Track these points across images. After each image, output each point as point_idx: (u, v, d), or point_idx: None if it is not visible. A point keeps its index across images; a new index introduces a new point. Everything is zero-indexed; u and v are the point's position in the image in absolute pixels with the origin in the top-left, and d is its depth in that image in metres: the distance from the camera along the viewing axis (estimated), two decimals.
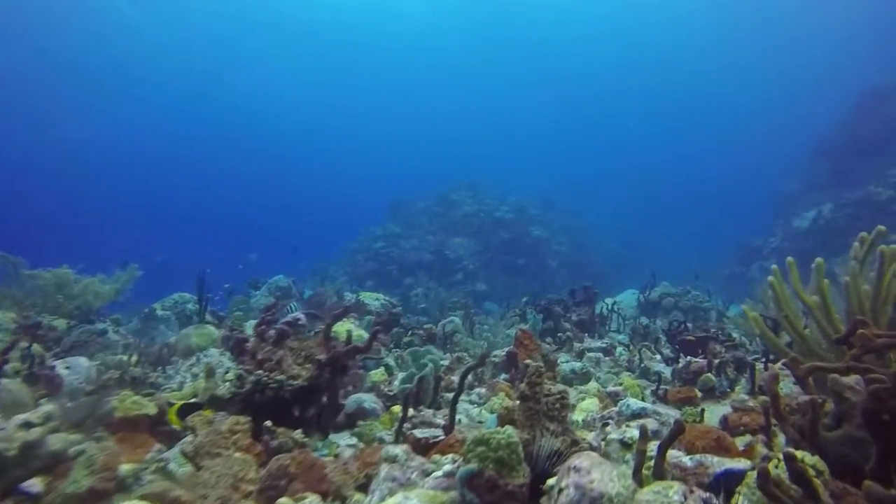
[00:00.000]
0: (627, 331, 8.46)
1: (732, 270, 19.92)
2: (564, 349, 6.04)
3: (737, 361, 4.63)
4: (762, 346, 5.42)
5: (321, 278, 21.04)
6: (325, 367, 2.64)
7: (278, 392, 2.51)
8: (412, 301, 15.68)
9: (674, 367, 4.39)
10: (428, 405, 3.31)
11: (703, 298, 9.70)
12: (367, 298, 8.40)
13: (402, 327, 6.33)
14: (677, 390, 3.66)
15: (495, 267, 19.05)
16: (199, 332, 4.79)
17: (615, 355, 5.57)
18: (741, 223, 25.74)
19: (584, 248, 22.63)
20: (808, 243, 15.70)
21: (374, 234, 20.55)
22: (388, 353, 5.62)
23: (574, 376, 4.63)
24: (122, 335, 7.92)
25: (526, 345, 4.09)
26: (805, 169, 22.62)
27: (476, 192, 22.01)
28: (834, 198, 16.21)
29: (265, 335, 2.76)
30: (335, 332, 4.59)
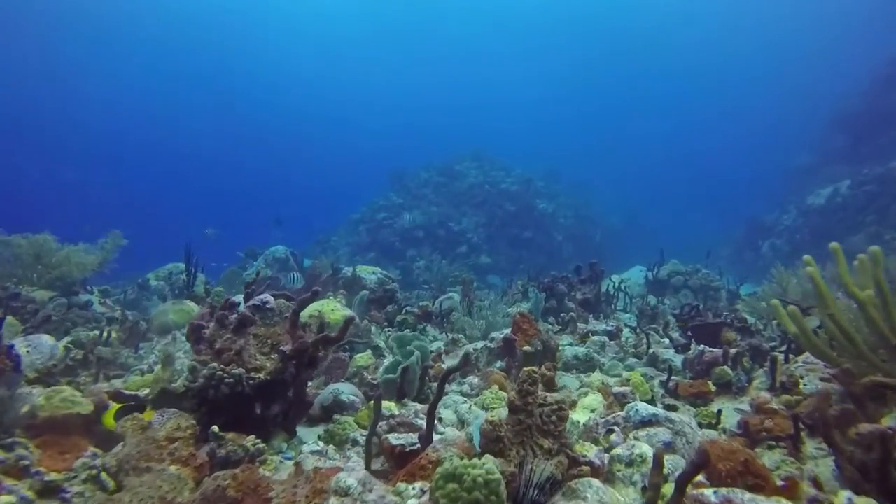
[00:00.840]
0: (634, 311, 8.13)
1: (742, 247, 19.44)
2: (567, 330, 5.71)
3: (753, 350, 4.28)
4: (780, 332, 5.07)
5: (323, 248, 20.89)
6: (291, 359, 2.31)
7: (235, 388, 2.19)
8: (414, 274, 15.41)
9: (685, 356, 4.04)
10: (413, 398, 3.00)
11: (714, 278, 9.31)
12: (363, 272, 8.06)
13: (396, 304, 6.01)
14: (689, 384, 3.33)
15: (500, 240, 18.66)
16: (177, 309, 4.48)
17: (621, 339, 5.23)
18: (752, 198, 25.04)
19: (590, 222, 22.14)
20: (823, 221, 15.18)
21: (377, 205, 20.13)
22: (381, 333, 5.32)
23: (577, 363, 4.30)
24: (108, 307, 7.68)
25: (525, 329, 3.75)
26: (821, 142, 21.79)
27: (481, 162, 21.45)
28: (852, 174, 15.56)
29: (226, 321, 2.43)
30: (318, 312, 4.28)
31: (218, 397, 2.19)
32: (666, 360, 4.22)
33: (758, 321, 6.00)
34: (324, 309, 4.20)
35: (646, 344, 4.65)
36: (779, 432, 2.51)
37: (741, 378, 3.25)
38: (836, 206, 15.07)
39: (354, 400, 2.86)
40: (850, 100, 21.08)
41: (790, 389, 3.04)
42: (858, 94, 20.61)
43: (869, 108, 19.21)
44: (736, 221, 22.69)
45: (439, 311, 5.94)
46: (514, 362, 3.57)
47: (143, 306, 10.07)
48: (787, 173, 22.81)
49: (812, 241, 15.20)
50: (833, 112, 21.94)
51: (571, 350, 4.46)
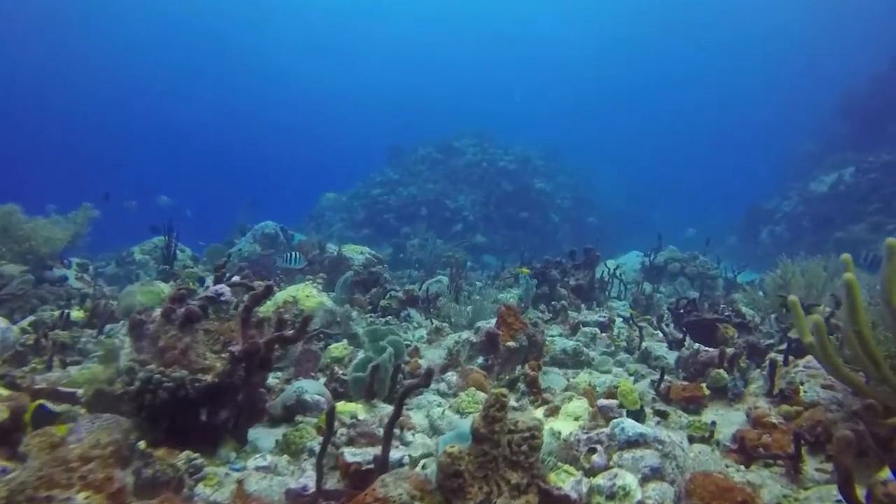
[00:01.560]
0: (629, 299, 7.92)
1: (743, 234, 19.20)
2: (558, 320, 5.50)
3: (750, 347, 4.07)
4: (778, 328, 4.87)
5: (317, 223, 20.58)
6: (240, 361, 2.07)
7: (177, 392, 1.96)
8: (408, 251, 15.16)
9: (679, 354, 3.83)
10: (385, 398, 2.78)
11: (712, 265, 9.10)
12: (350, 252, 7.82)
13: (382, 287, 5.77)
14: (682, 387, 3.11)
15: (496, 219, 18.37)
16: (146, 290, 4.23)
17: (613, 331, 5.02)
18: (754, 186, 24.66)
19: (588, 204, 21.81)
20: (825, 209, 14.92)
21: (373, 181, 19.76)
22: (363, 319, 5.09)
23: (566, 357, 4.09)
24: (86, 282, 7.43)
25: (510, 323, 3.52)
26: (825, 129, 21.34)
27: (481, 139, 20.99)
28: (857, 161, 15.24)
29: (172, 315, 2.19)
30: (293, 297, 4.04)
31: (157, 403, 1.96)
32: (658, 356, 4.02)
33: (755, 314, 5.80)
34: (299, 294, 3.97)
35: (638, 338, 4.44)
36: (777, 450, 2.30)
37: (737, 384, 3.03)
38: (838, 193, 14.80)
39: (320, 400, 2.64)
40: (857, 85, 20.58)
41: (790, 398, 2.82)
42: (866, 79, 20.10)
43: (878, 93, 18.75)
44: (737, 208, 22.40)
45: (426, 295, 5.71)
46: (496, 359, 3.35)
47: (125, 281, 9.83)
48: (790, 161, 22.42)
49: (813, 229, 14.98)
50: (839, 98, 21.46)
51: (560, 343, 4.24)
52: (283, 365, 3.39)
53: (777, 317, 5.21)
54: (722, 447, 2.44)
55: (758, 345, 4.06)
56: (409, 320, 5.25)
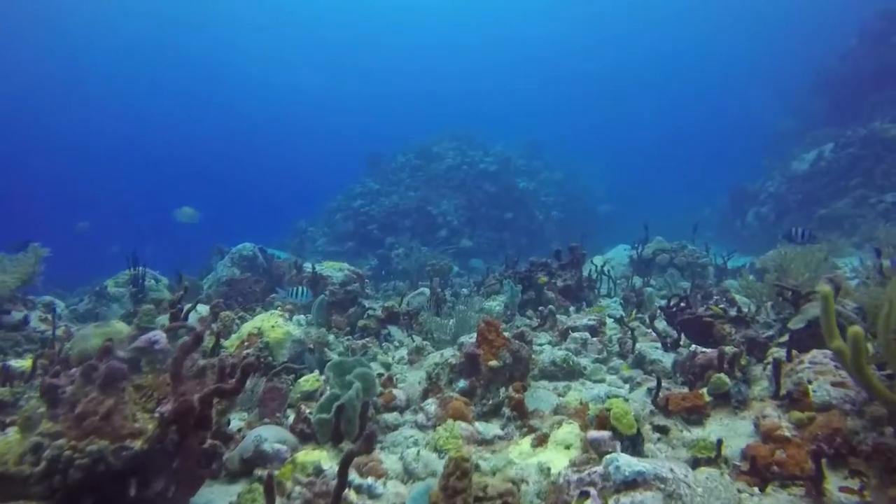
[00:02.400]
0: (619, 295, 7.70)
1: (728, 218, 19.13)
2: (546, 326, 5.24)
3: (749, 342, 3.84)
4: (776, 318, 4.64)
5: (300, 240, 20.22)
6: (171, 423, 1.78)
7: (95, 468, 1.66)
8: (393, 262, 14.88)
9: (675, 358, 3.58)
10: (354, 439, 2.49)
11: (701, 254, 8.91)
12: (328, 269, 7.50)
13: (359, 306, 5.48)
14: (681, 396, 2.86)
15: (481, 222, 18.13)
16: (103, 332, 3.89)
17: (605, 334, 4.77)
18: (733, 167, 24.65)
19: (573, 199, 21.66)
20: (808, 187, 14.84)
21: (354, 192, 19.47)
22: (340, 343, 4.80)
23: (555, 369, 3.83)
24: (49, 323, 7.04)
25: (491, 340, 3.24)
26: (802, 106, 21.40)
27: (459, 142, 20.78)
28: (835, 136, 15.21)
29: (93, 374, 1.89)
30: (258, 329, 3.73)
31: (73, 483, 1.66)
32: (654, 360, 3.76)
33: (751, 303, 5.58)
34: (263, 325, 3.66)
35: (631, 340, 4.18)
36: (794, 468, 2.05)
37: (741, 389, 2.78)
38: (820, 170, 14.73)
39: (280, 450, 2.35)
40: (832, 60, 20.66)
41: (799, 401, 2.58)
42: (841, 54, 20.18)
43: (854, 67, 18.80)
44: (720, 191, 22.33)
45: (406, 311, 5.42)
46: (478, 381, 3.07)
47: (102, 315, 9.42)
48: (770, 139, 22.43)
49: (798, 208, 14.90)
50: (813, 75, 21.54)
51: (549, 354, 3.98)
52: (246, 407, 3.09)
53: (773, 305, 5.00)
54: (732, 468, 2.18)
55: (757, 339, 3.83)
56: (389, 339, 4.95)
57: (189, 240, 18.28)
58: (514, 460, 2.30)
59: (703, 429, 2.68)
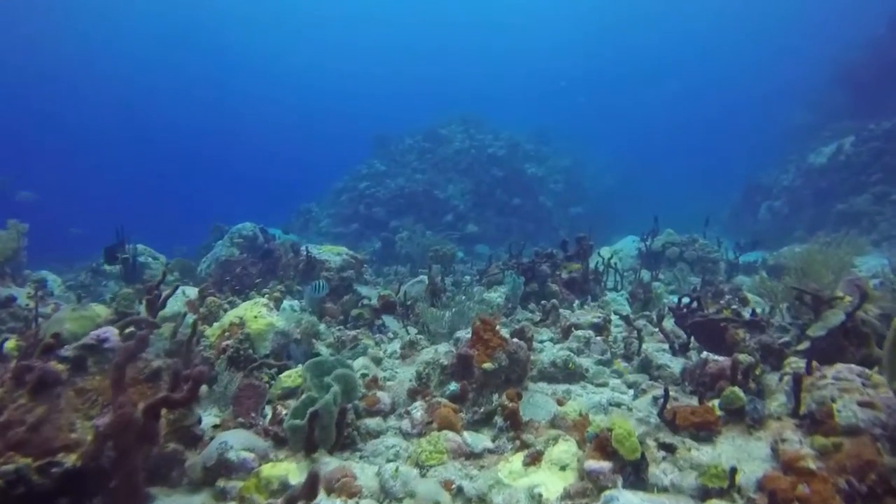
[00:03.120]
0: (626, 289, 7.43)
1: (740, 211, 18.68)
2: (549, 321, 5.00)
3: (763, 349, 3.58)
4: (791, 321, 4.37)
5: (304, 221, 20.02)
6: (108, 438, 1.57)
7: (14, 489, 1.45)
8: (397, 246, 14.66)
9: (684, 365, 3.33)
10: (330, 448, 2.28)
11: (712, 248, 8.59)
12: (327, 253, 7.28)
13: (354, 294, 5.25)
14: (690, 410, 2.62)
15: (488, 207, 17.84)
16: (78, 316, 3.69)
17: (609, 333, 4.52)
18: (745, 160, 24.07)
19: (581, 187, 21.25)
20: (825, 181, 14.38)
21: (360, 173, 19.18)
22: (332, 333, 4.58)
23: (555, 370, 3.60)
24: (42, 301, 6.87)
25: (486, 340, 3.01)
26: (821, 98, 20.73)
27: (468, 126, 20.38)
28: (857, 129, 14.68)
29: (26, 377, 1.67)
30: (239, 318, 3.52)
31: None
32: (661, 365, 3.52)
33: (764, 304, 5.30)
34: (246, 315, 3.44)
35: (637, 342, 3.94)
36: None
37: (756, 407, 2.53)
38: (838, 164, 14.25)
39: (246, 459, 2.14)
40: (854, 52, 19.92)
41: (822, 422, 2.33)
42: (863, 45, 19.45)
43: (876, 58, 18.12)
44: (733, 184, 21.84)
45: (403, 300, 5.19)
46: (471, 384, 2.84)
47: (98, 293, 9.29)
48: (786, 133, 21.83)
49: (814, 203, 14.47)
50: (836, 66, 20.80)
51: (549, 353, 3.75)
52: (221, 404, 2.88)
53: (789, 307, 4.73)
54: (747, 501, 1.95)
55: (772, 345, 3.57)
56: (383, 331, 4.74)
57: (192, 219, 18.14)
58: (503, 480, 2.08)
59: (714, 447, 2.44)
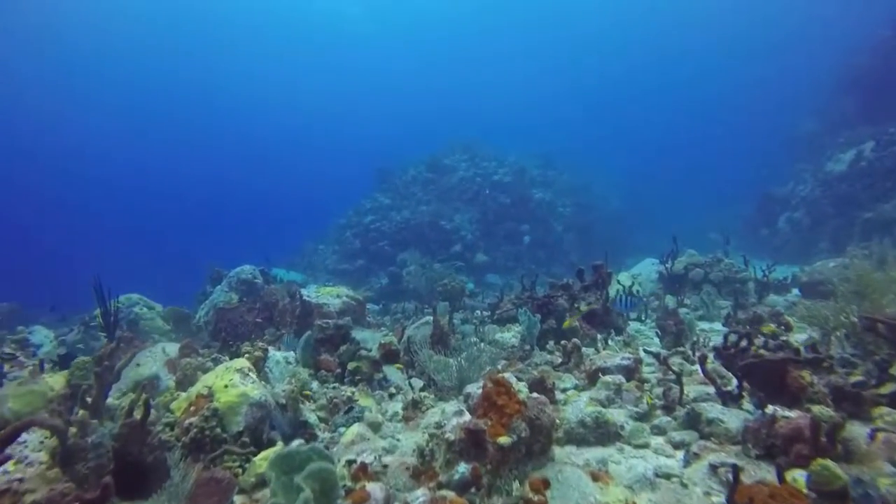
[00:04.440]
0: (650, 318, 6.84)
1: (756, 224, 18.03)
2: (571, 364, 4.43)
3: (834, 392, 2.99)
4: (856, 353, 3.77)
5: (309, 259, 19.65)
6: None
7: None
8: (404, 280, 14.17)
9: (744, 422, 2.73)
10: None
11: (739, 268, 7.98)
12: (325, 296, 6.78)
13: (352, 344, 4.72)
14: (769, 492, 2.03)
15: (496, 235, 17.36)
16: (24, 392, 3.20)
17: (640, 375, 3.94)
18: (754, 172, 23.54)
19: (591, 209, 20.76)
20: (847, 189, 13.77)
21: (364, 208, 18.90)
22: (326, 392, 4.04)
23: (585, 431, 3.02)
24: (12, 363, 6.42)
25: (500, 407, 2.46)
26: (828, 105, 20.29)
27: (472, 154, 20.13)
28: (876, 134, 14.12)
29: None
30: (208, 389, 3.00)
31: None
32: (712, 419, 2.92)
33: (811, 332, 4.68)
34: (215, 384, 2.91)
35: (678, 390, 3.35)
36: None
37: (869, 495, 1.93)
38: (860, 170, 13.67)
39: None
40: (859, 57, 19.54)
41: None
42: (868, 49, 19.06)
43: (882, 61, 17.70)
44: (743, 197, 21.28)
45: (406, 347, 4.65)
46: (484, 465, 2.28)
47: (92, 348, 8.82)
48: (792, 142, 21.36)
49: (836, 213, 13.83)
50: (840, 72, 20.41)
51: (576, 410, 3.17)
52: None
53: (848, 335, 4.12)
54: None
55: (844, 387, 2.98)
56: (384, 386, 4.19)
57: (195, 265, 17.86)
58: None
59: None
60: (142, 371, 4.25)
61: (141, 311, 9.30)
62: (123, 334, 6.00)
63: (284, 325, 6.69)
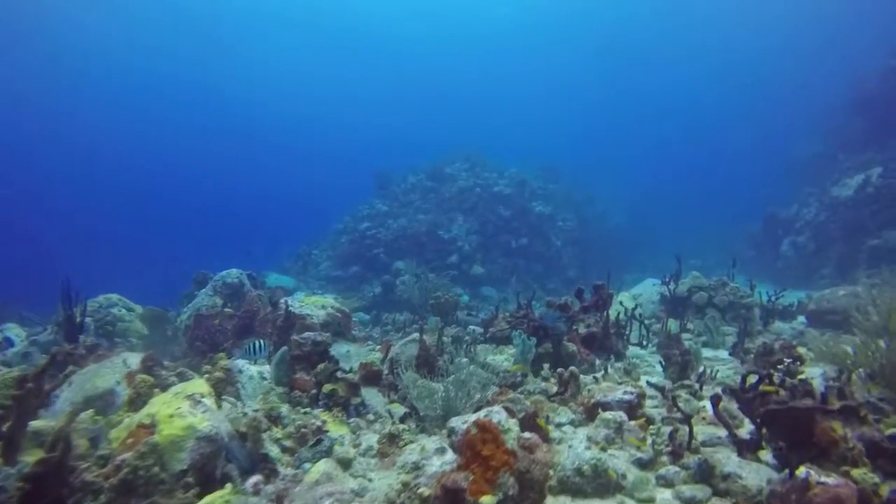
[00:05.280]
0: (651, 342, 6.48)
1: (760, 247, 17.74)
2: (567, 394, 4.06)
3: (869, 447, 2.63)
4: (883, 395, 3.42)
5: (303, 264, 19.24)
6: None
7: None
8: (398, 290, 13.80)
9: (770, 485, 2.36)
10: None
11: (745, 292, 7.63)
12: (309, 307, 6.41)
13: (331, 362, 4.34)
14: None
15: (494, 247, 17.02)
16: None
17: (643, 411, 3.58)
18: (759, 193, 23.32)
19: (591, 224, 20.46)
20: (854, 214, 13.47)
21: (361, 214, 18.54)
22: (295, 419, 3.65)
23: (581, 480, 2.66)
24: None
25: (486, 458, 2.09)
26: (830, 130, 20.15)
27: (473, 164, 19.84)
28: (883, 160, 13.88)
29: None
30: (151, 417, 2.62)
31: None
32: (728, 475, 2.56)
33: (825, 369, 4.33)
34: (160, 412, 2.52)
35: (687, 434, 2.98)
36: None
37: None
38: (867, 197, 13.37)
39: None
40: (867, 82, 19.39)
41: None
42: (875, 76, 18.91)
43: (889, 88, 17.52)
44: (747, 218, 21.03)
45: (389, 369, 4.27)
46: None
47: None
48: (796, 165, 21.17)
49: (842, 238, 13.52)
50: (848, 97, 20.27)
51: (573, 454, 2.80)
52: None
53: (872, 375, 3.77)
54: None
55: (881, 443, 2.62)
56: (361, 412, 3.81)
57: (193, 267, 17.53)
58: None
59: None
60: (98, 384, 3.87)
61: (119, 313, 8.89)
62: (86, 341, 5.61)
63: (265, 335, 6.31)
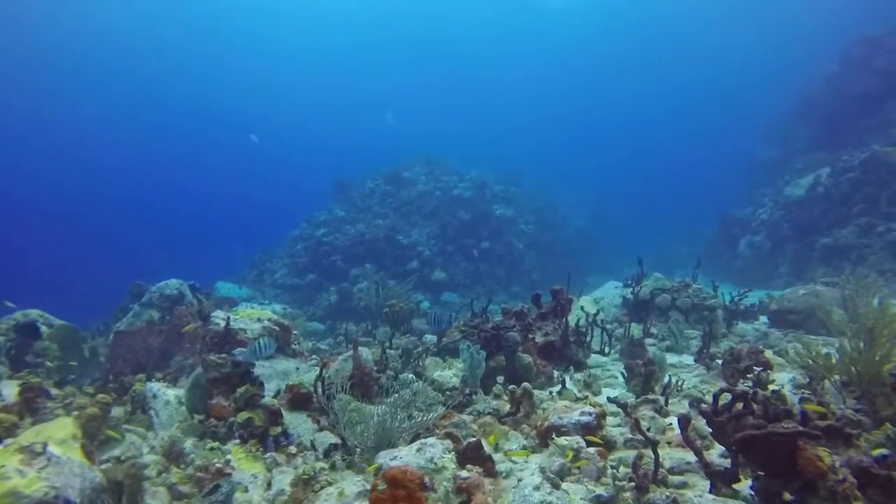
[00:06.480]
0: (614, 348, 6.14)
1: (717, 247, 17.94)
2: (521, 413, 3.62)
3: (858, 474, 2.27)
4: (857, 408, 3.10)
5: (258, 272, 18.34)
6: None
7: None
8: (355, 298, 13.18)
9: None
10: None
11: (708, 294, 7.42)
12: (243, 320, 5.78)
13: (253, 384, 3.76)
14: None
15: (455, 252, 16.59)
16: None
17: (604, 433, 3.16)
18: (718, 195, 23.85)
19: (554, 227, 20.32)
20: (805, 213, 13.67)
21: (318, 220, 17.85)
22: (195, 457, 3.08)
23: None
24: None
25: None
26: (783, 132, 20.78)
27: (432, 167, 19.42)
28: (831, 161, 14.17)
29: None
30: None
31: None
32: None
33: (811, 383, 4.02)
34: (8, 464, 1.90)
35: (653, 462, 2.57)
36: None
37: None
38: (817, 196, 13.59)
39: None
40: (815, 86, 20.01)
41: None
42: (824, 80, 19.52)
43: (838, 92, 18.08)
44: (705, 219, 21.39)
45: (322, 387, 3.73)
46: None
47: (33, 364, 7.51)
48: (751, 167, 21.74)
49: (795, 236, 13.72)
50: (796, 101, 20.92)
51: (518, 499, 2.34)
52: None
53: (844, 382, 3.47)
54: None
55: (870, 469, 2.26)
56: (281, 444, 3.26)
57: None
58: None
59: None
60: None
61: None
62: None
63: (193, 353, 5.66)
